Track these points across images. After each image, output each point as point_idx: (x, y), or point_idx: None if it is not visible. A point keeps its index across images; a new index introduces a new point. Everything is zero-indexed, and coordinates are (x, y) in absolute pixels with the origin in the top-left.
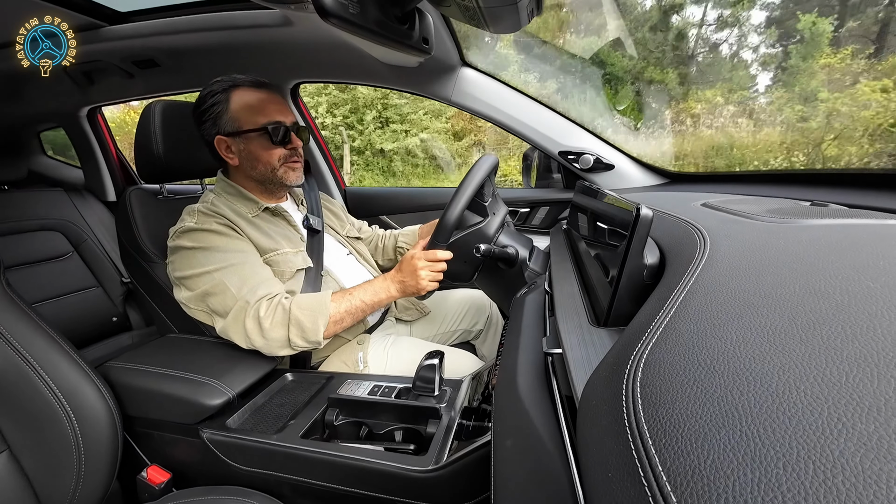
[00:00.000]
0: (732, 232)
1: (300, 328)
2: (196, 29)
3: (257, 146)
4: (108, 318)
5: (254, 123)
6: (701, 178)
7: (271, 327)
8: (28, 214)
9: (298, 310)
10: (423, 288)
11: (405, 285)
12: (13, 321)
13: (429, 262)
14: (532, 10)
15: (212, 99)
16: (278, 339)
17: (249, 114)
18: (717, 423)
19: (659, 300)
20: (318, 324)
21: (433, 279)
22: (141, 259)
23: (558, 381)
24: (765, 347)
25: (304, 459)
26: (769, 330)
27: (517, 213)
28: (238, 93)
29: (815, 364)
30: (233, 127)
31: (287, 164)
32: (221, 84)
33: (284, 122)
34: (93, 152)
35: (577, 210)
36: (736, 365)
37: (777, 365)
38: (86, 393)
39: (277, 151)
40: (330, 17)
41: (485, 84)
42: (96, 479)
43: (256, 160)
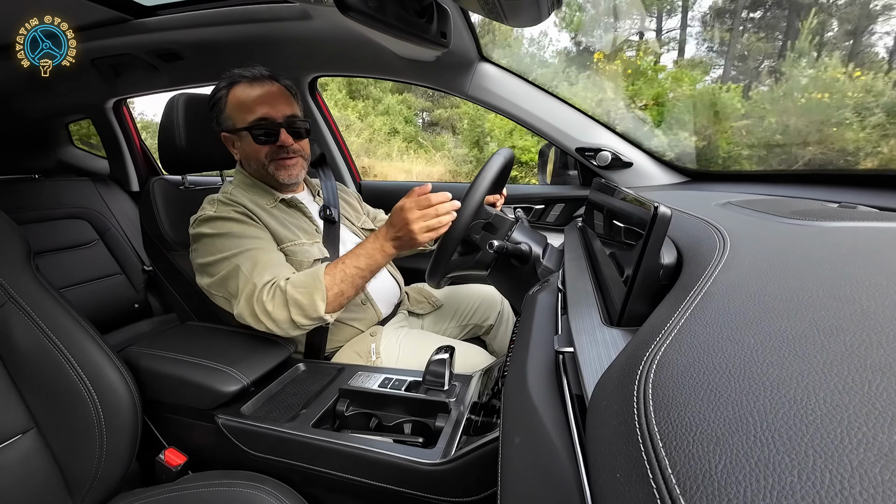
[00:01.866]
0: (754, 233)
1: (299, 307)
2: (218, 22)
3: (247, 144)
4: (130, 304)
5: (243, 121)
6: (723, 176)
7: (274, 309)
8: (56, 203)
9: (293, 289)
10: (419, 241)
11: (400, 241)
12: (42, 305)
13: (421, 211)
14: (552, 3)
15: (216, 96)
16: (283, 319)
17: (240, 112)
18: (731, 428)
19: (674, 301)
20: (316, 300)
21: (429, 228)
22: (163, 247)
23: (569, 380)
24: (784, 353)
25: (315, 448)
26: (789, 335)
27: (531, 209)
28: (235, 90)
29: (837, 371)
30: (229, 124)
31: (276, 162)
32: (224, 81)
33: (273, 117)
34: (118, 143)
35: (593, 208)
36: (753, 370)
37: (796, 371)
38: (109, 376)
39: (264, 149)
40: (349, 11)
41: (502, 79)
42: (117, 460)
43: (249, 157)
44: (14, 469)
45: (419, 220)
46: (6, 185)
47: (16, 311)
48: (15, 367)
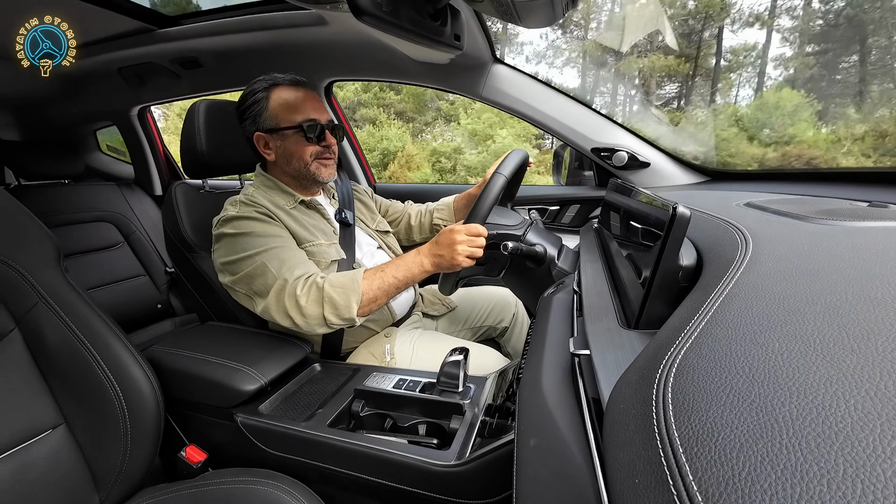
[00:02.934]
0: (778, 233)
1: (334, 306)
2: (236, 30)
3: (292, 143)
4: (153, 304)
5: (290, 121)
6: (744, 176)
7: (307, 305)
8: (85, 206)
9: (331, 288)
10: (458, 263)
11: (441, 259)
12: (71, 305)
13: (468, 237)
14: (567, 4)
15: (253, 97)
16: (315, 316)
17: (287, 112)
18: (756, 434)
19: (694, 304)
20: (351, 301)
21: (470, 255)
22: (184, 249)
23: (585, 383)
24: (811, 357)
25: (331, 447)
26: (816, 339)
27: (546, 210)
28: (277, 91)
29: (868, 377)
30: (271, 124)
31: (319, 161)
32: (262, 83)
33: (319, 120)
34: (142, 149)
35: (609, 208)
36: (778, 374)
37: (824, 376)
38: (133, 374)
39: (311, 148)
40: (364, 15)
41: (516, 80)
42: (141, 455)
43: (291, 156)
44: (44, 463)
45: (464, 244)
46: (38, 190)
47: (46, 311)
48: (46, 364)
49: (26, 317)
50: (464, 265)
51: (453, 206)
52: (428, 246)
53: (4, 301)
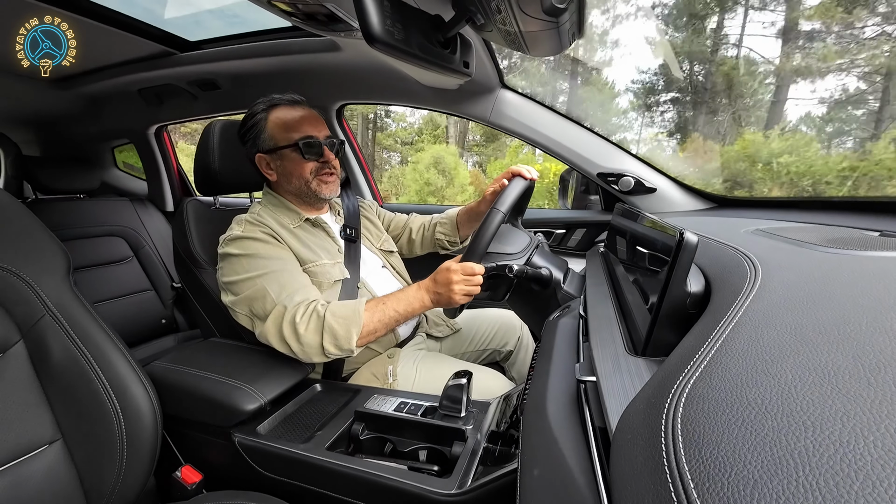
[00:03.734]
0: (787, 261)
1: (334, 336)
2: (254, 55)
3: (291, 161)
4: (157, 319)
5: (287, 140)
6: (752, 203)
7: (306, 333)
8: (97, 221)
9: (332, 317)
10: (455, 301)
11: (439, 297)
12: (77, 319)
13: (464, 277)
14: (573, 34)
15: (252, 119)
16: (313, 344)
17: (283, 131)
18: (770, 470)
19: (703, 331)
20: (351, 333)
21: (467, 293)
22: (192, 265)
23: (591, 411)
24: (825, 389)
25: (328, 472)
26: (830, 370)
27: (552, 234)
28: (275, 112)
29: (887, 411)
30: (269, 144)
31: (319, 177)
32: (261, 105)
33: (317, 136)
34: (157, 166)
35: (615, 233)
36: (792, 406)
37: (840, 410)
38: (133, 391)
39: (309, 165)
40: (376, 42)
41: (523, 106)
42: (136, 474)
43: (291, 174)
44: (38, 479)
45: (461, 283)
46: (54, 204)
47: (52, 324)
48: (48, 378)
49: (32, 329)
50: (462, 302)
51: (456, 219)
52: (428, 282)
53: (10, 312)
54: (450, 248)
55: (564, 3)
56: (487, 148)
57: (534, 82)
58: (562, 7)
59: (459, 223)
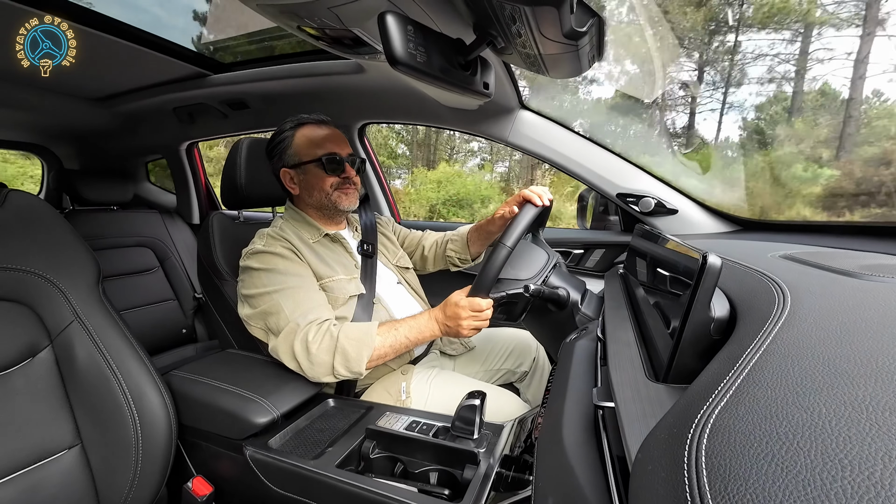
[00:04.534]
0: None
1: (345, 357)
2: (282, 76)
3: (313, 175)
4: (178, 329)
5: (312, 155)
6: (779, 226)
7: (318, 352)
8: (128, 231)
9: (346, 339)
10: (464, 336)
11: (448, 329)
12: (104, 326)
13: (472, 313)
14: (593, 56)
15: (280, 136)
16: (323, 364)
17: (309, 147)
18: None
19: (729, 359)
20: (363, 355)
21: (475, 328)
22: (214, 276)
23: (609, 438)
24: (864, 426)
25: (337, 491)
26: (869, 405)
27: (570, 254)
28: (302, 130)
29: None
30: (294, 160)
31: (340, 190)
32: (290, 123)
33: (340, 153)
34: (186, 181)
35: (635, 254)
36: (827, 443)
37: (881, 448)
38: (151, 399)
39: (331, 179)
40: (399, 65)
41: (542, 126)
42: (149, 483)
43: (313, 188)
44: (55, 483)
45: (469, 319)
46: (89, 215)
47: (80, 330)
48: (72, 383)
49: (61, 335)
50: (469, 336)
51: (467, 237)
52: (438, 313)
53: (42, 317)
54: (461, 266)
55: (584, 26)
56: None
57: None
58: (582, 31)
59: (470, 241)
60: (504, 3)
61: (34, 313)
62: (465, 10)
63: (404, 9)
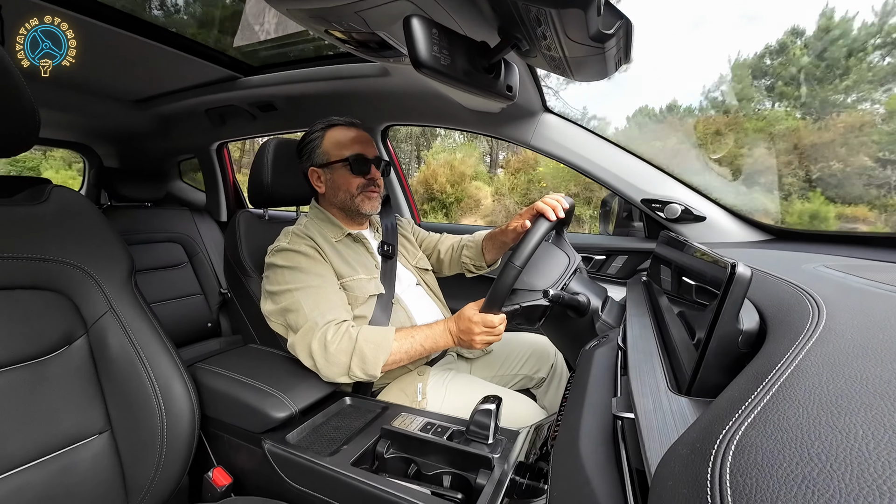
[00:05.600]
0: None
1: (362, 359)
2: (309, 79)
3: (340, 175)
4: (204, 323)
5: (339, 156)
6: (815, 237)
7: (336, 352)
8: (159, 228)
9: (364, 341)
10: (476, 348)
11: (461, 341)
12: (135, 317)
13: (485, 329)
14: (619, 59)
15: (311, 136)
16: (340, 364)
17: (337, 148)
18: None
19: (757, 374)
20: (379, 358)
21: (487, 342)
22: (240, 272)
23: (628, 450)
24: None
25: (352, 488)
26: None
27: (591, 259)
28: (332, 131)
29: None
30: (323, 159)
31: (364, 193)
32: (320, 124)
33: (366, 155)
34: (216, 179)
35: (659, 262)
36: (864, 467)
37: None
38: (177, 389)
39: (357, 180)
40: (423, 68)
41: (566, 130)
42: (172, 471)
43: (339, 188)
44: (85, 467)
45: (482, 335)
46: (124, 211)
47: (114, 321)
48: (104, 371)
49: (96, 324)
50: (481, 348)
51: (481, 245)
52: (452, 325)
53: (79, 306)
54: (476, 272)
55: (612, 28)
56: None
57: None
58: (609, 33)
59: (485, 249)
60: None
61: (72, 303)
62: (490, 12)
63: (429, 12)
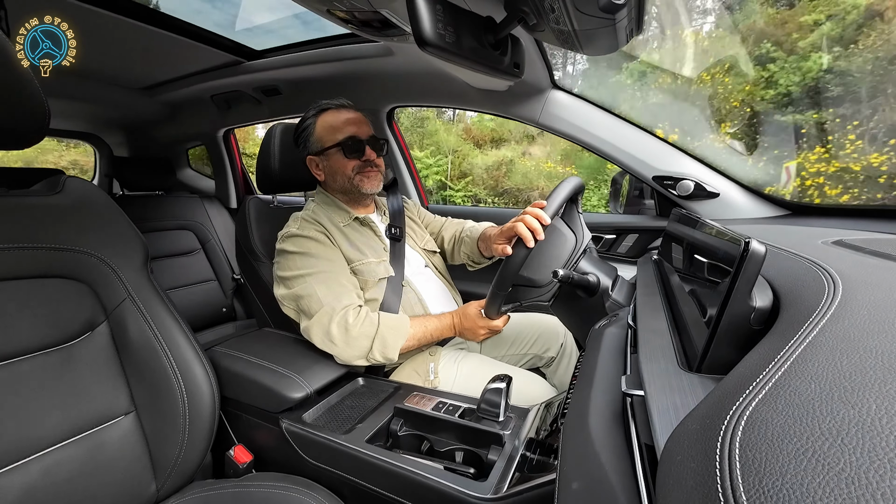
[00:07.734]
0: (874, 278)
1: (383, 343)
2: (312, 61)
3: (335, 160)
4: (219, 308)
5: (332, 141)
6: (833, 210)
7: (358, 336)
8: (172, 215)
9: (386, 326)
10: (477, 340)
11: (464, 334)
12: (152, 303)
13: (487, 327)
14: (631, 30)
15: (304, 124)
16: (361, 347)
17: (329, 133)
18: None
19: (769, 350)
20: (398, 342)
21: (488, 336)
22: (251, 258)
23: (637, 427)
24: None
25: (367, 464)
26: None
27: (601, 238)
28: (323, 116)
29: None
30: (318, 147)
31: (362, 174)
32: (312, 110)
33: (359, 136)
34: (224, 166)
35: (671, 240)
36: (875, 441)
37: None
38: (196, 372)
39: (352, 163)
40: (428, 46)
41: (575, 106)
42: (195, 449)
43: (336, 173)
44: (114, 446)
45: (484, 330)
46: (138, 200)
47: (132, 308)
48: (126, 355)
49: (115, 311)
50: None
51: (477, 244)
52: (457, 319)
53: (99, 294)
54: (475, 267)
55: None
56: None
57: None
58: (620, 3)
59: (481, 249)
60: None
61: (92, 290)
62: None
63: None
